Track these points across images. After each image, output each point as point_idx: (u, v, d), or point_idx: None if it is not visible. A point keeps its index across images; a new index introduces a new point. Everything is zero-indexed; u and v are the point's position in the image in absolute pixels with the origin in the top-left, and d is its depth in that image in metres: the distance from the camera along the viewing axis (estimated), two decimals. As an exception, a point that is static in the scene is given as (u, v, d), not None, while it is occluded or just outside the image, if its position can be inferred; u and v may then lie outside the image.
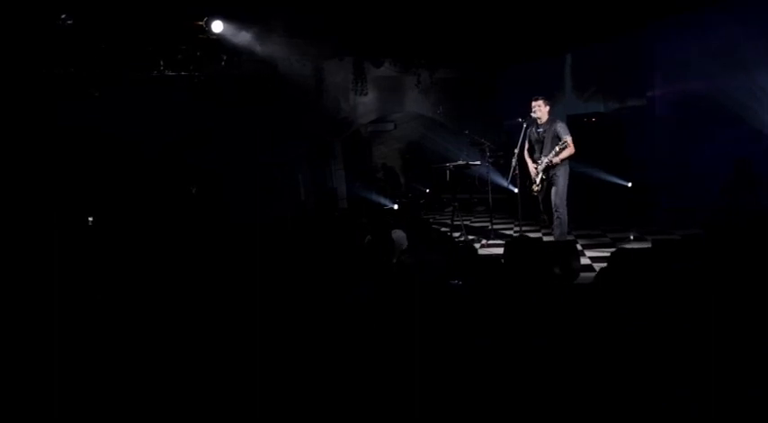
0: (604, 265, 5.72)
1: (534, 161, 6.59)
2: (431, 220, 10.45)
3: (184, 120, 8.64)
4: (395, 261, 5.10)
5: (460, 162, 8.09)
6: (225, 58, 9.37)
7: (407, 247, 5.22)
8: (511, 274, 4.97)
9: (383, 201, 11.69)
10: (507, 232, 8.60)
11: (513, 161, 6.49)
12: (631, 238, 7.73)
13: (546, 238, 7.49)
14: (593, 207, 9.16)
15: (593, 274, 5.46)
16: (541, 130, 6.48)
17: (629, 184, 9.43)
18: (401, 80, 11.82)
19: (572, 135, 6.29)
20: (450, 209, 12.19)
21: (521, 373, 2.57)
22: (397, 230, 5.68)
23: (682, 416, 2.22)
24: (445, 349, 2.75)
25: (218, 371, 2.85)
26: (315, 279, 4.20)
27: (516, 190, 7.62)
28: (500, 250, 7.05)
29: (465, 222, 8.70)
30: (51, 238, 6.37)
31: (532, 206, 6.98)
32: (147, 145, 8.51)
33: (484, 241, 7.70)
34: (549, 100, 6.55)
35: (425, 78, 11.54)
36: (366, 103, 11.54)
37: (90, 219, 7.85)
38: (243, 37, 8.93)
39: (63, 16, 6.92)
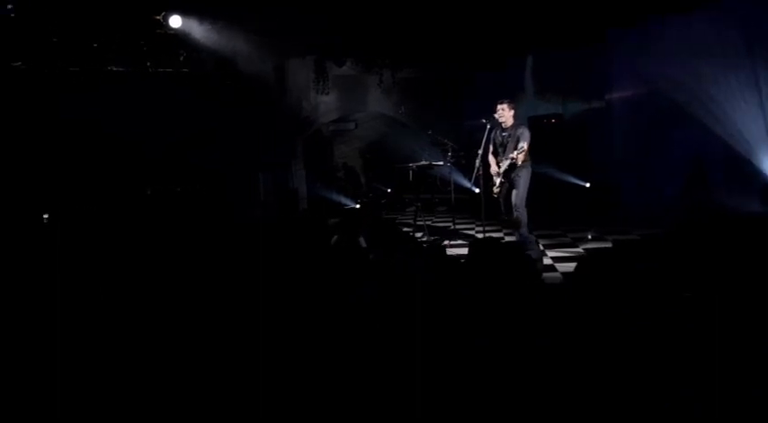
0: (566, 264, 5.85)
1: (498, 163, 6.63)
2: (393, 220, 10.45)
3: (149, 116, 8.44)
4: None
5: (423, 162, 8.06)
6: (184, 54, 9.16)
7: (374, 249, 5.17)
8: (474, 275, 4.99)
9: (344, 200, 11.63)
10: (470, 232, 8.64)
11: (477, 162, 6.51)
12: (589, 237, 7.88)
13: (507, 239, 7.58)
14: (553, 207, 9.32)
15: (556, 274, 5.55)
16: (506, 134, 6.52)
17: (588, 185, 9.63)
18: (363, 79, 11.77)
19: (533, 136, 6.40)
20: (413, 209, 12.25)
21: (521, 373, 2.56)
22: None
23: (685, 416, 2.22)
24: (442, 348, 2.75)
25: (217, 369, 2.84)
26: (311, 280, 4.13)
27: (478, 190, 7.69)
28: (463, 251, 7.10)
29: (427, 222, 8.69)
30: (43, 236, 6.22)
31: (495, 207, 7.02)
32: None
33: (446, 242, 7.71)
34: (513, 104, 6.59)
35: (388, 78, 11.51)
36: (328, 103, 11.45)
37: (45, 216, 7.64)
38: (202, 33, 8.73)
39: (9, 6, 6.61)
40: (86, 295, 4.36)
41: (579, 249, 6.65)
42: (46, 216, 7.66)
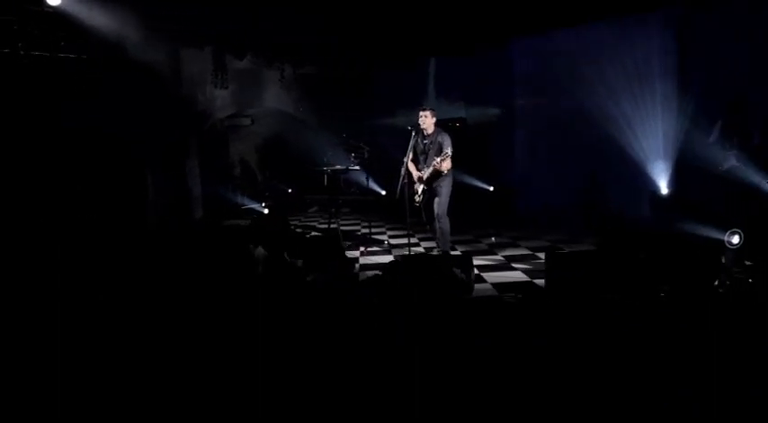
0: (495, 274, 5.90)
1: (419, 171, 6.54)
2: (297, 222, 10.08)
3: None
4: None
5: (339, 166, 7.81)
6: (64, 36, 8.09)
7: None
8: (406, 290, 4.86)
9: (244, 201, 11.03)
10: (382, 238, 8.49)
11: (403, 170, 6.38)
12: (493, 240, 8.09)
13: (424, 245, 7.56)
14: (458, 211, 9.45)
15: (486, 285, 5.54)
16: (427, 141, 6.45)
17: (492, 188, 9.89)
18: (261, 74, 11.22)
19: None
20: (315, 209, 11.93)
21: (522, 373, 2.55)
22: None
23: (683, 416, 2.23)
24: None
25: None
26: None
27: (381, 193, 7.55)
28: (381, 258, 6.95)
29: (340, 227, 8.45)
30: None
31: (416, 213, 6.91)
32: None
33: (362, 249, 7.52)
34: (435, 111, 6.53)
35: (289, 74, 11.06)
36: (224, 97, 10.77)
37: None
38: (88, 13, 7.77)
39: None
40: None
41: (499, 257, 6.74)
42: None
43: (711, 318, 3.11)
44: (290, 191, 11.84)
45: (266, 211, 9.14)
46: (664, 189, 8.06)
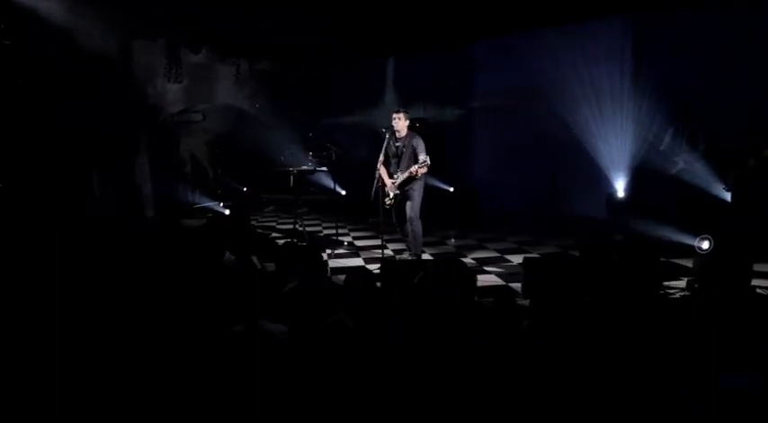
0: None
1: (390, 174, 6.51)
2: (254, 222, 9.83)
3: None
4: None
5: (305, 167, 7.67)
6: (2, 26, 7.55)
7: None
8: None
9: (198, 200, 10.67)
10: (345, 239, 8.38)
11: (377, 173, 6.33)
12: (452, 241, 8.19)
13: (392, 247, 7.53)
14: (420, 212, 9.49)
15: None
16: (399, 144, 6.42)
17: (452, 189, 9.97)
18: (215, 68, 10.88)
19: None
20: (271, 209, 11.68)
21: (520, 373, 2.54)
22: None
23: (682, 416, 2.26)
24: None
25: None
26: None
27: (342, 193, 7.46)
28: (349, 261, 6.89)
29: (306, 228, 8.25)
30: None
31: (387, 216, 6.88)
32: None
33: (329, 252, 7.42)
34: (408, 114, 6.51)
35: (245, 69, 10.77)
36: (176, 91, 10.39)
37: None
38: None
39: None
40: None
41: (469, 259, 6.81)
42: None
43: (670, 321, 3.22)
44: (245, 189, 11.52)
45: (226, 211, 8.82)
46: (621, 192, 8.38)
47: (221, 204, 10.07)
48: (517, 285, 5.46)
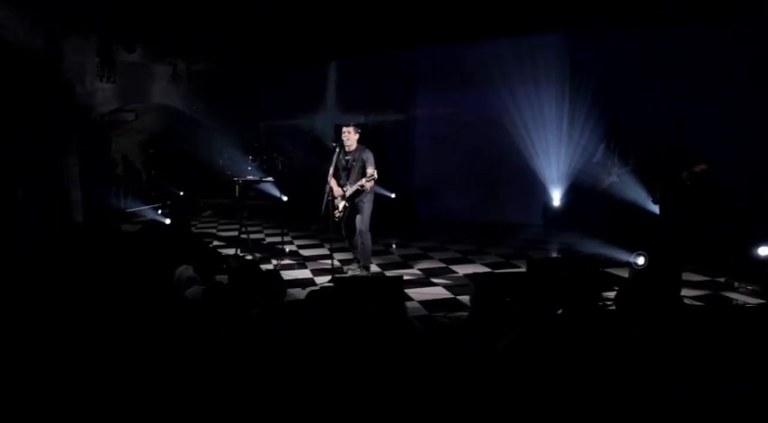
0: (418, 290, 6.02)
1: (340, 186, 6.52)
2: (192, 228, 9.55)
3: None
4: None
5: (251, 177, 7.55)
6: None
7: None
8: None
9: (130, 204, 10.24)
10: (288, 247, 8.30)
11: (327, 186, 6.32)
12: (394, 247, 8.31)
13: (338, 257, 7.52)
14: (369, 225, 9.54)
15: (414, 304, 5.63)
16: (349, 157, 6.44)
17: (393, 196, 10.09)
18: (149, 67, 10.48)
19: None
20: (209, 213, 11.38)
21: (519, 374, 2.59)
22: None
23: (677, 417, 2.33)
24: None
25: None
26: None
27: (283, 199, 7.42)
28: (297, 273, 6.83)
29: (250, 235, 8.09)
30: None
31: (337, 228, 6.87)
32: None
33: (276, 262, 7.35)
34: (359, 128, 6.53)
35: (182, 69, 10.43)
36: (106, 90, 9.92)
37: None
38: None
39: None
40: None
41: (416, 270, 6.91)
42: None
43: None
44: (181, 193, 11.16)
45: (166, 220, 8.46)
46: (556, 201, 8.77)
47: (159, 211, 9.70)
48: (465, 298, 5.59)
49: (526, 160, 8.96)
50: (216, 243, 8.52)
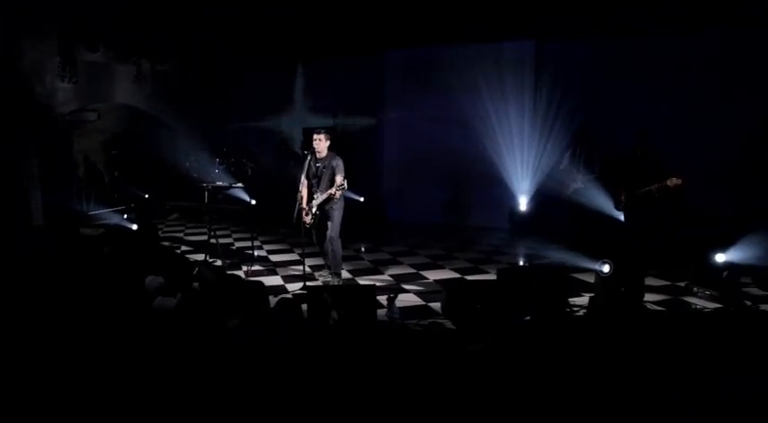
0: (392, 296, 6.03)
1: (312, 193, 6.51)
2: (159, 232, 9.36)
3: None
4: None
5: (220, 183, 7.45)
6: None
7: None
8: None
9: (92, 207, 9.98)
10: (258, 252, 8.23)
11: (299, 194, 6.31)
12: (363, 250, 8.34)
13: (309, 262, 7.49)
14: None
15: (382, 311, 5.64)
16: (320, 165, 6.43)
17: (362, 199, 10.09)
18: (112, 66, 10.23)
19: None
20: (175, 217, 11.18)
21: (518, 374, 2.63)
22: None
23: (677, 417, 2.39)
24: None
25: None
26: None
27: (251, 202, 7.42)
28: (267, 279, 6.76)
29: (220, 241, 7.98)
30: None
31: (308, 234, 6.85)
32: None
33: (246, 269, 7.28)
34: (330, 135, 6.53)
35: (147, 69, 10.22)
36: (67, 90, 9.65)
37: None
38: None
39: None
40: None
41: (387, 276, 6.95)
42: None
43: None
44: (147, 196, 10.91)
45: (134, 226, 8.24)
46: (523, 206, 8.93)
47: (125, 215, 9.48)
48: (436, 305, 5.64)
49: (494, 165, 9.09)
50: (184, 248, 8.39)
